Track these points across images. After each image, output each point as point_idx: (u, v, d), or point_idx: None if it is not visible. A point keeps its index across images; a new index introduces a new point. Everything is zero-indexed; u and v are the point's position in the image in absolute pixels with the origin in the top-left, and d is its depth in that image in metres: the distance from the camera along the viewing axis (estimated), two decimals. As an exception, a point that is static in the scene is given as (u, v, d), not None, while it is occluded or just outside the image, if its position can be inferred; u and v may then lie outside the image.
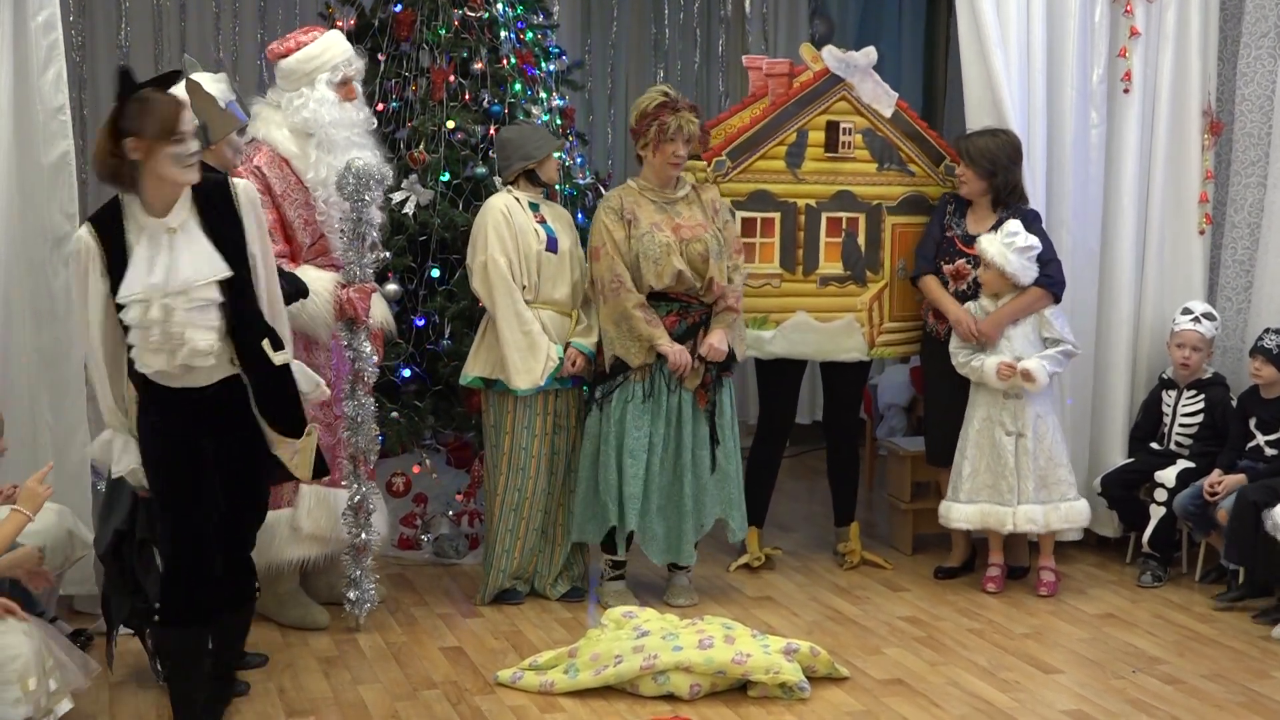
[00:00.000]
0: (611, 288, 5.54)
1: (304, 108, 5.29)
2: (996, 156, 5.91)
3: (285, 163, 5.26)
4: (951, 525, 6.04)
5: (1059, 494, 5.91)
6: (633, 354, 5.54)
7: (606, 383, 5.61)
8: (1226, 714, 4.74)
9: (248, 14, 7.89)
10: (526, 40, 6.58)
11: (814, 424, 8.16)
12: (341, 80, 5.36)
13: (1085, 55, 6.33)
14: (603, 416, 5.62)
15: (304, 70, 5.33)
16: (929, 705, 4.77)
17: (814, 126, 6.09)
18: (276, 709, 4.66)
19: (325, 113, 5.29)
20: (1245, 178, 6.49)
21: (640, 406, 5.58)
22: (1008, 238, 5.81)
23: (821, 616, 5.70)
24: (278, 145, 5.27)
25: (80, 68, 7.49)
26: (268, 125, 5.33)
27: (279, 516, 5.25)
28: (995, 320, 5.89)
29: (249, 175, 5.10)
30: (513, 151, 5.64)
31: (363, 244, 5.21)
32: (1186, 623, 5.67)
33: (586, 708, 4.71)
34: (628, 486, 5.56)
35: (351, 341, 5.25)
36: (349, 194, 5.14)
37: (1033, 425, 5.86)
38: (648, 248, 5.54)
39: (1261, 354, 5.93)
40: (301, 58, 5.34)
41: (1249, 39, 6.45)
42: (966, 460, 5.97)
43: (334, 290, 5.19)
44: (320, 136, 5.27)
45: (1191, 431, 6.21)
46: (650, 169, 5.66)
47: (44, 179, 5.22)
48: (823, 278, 6.16)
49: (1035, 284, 5.87)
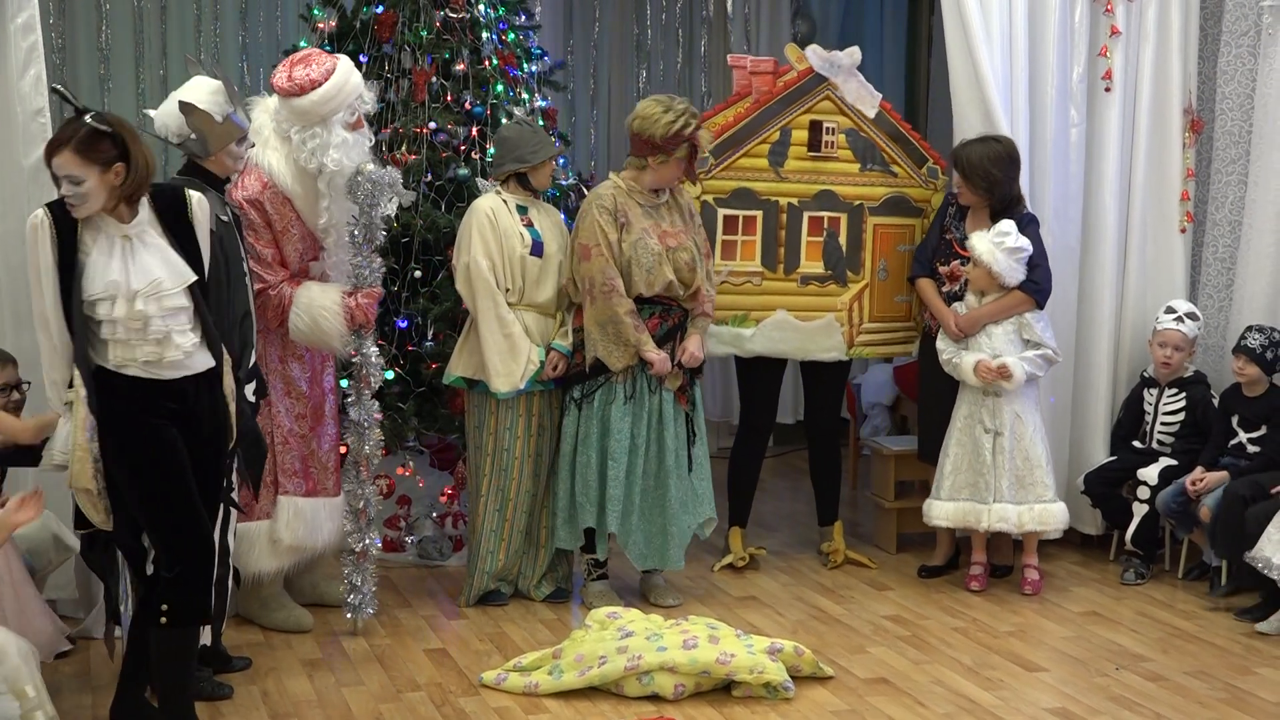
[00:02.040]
0: (603, 290, 5.50)
1: (319, 151, 5.10)
2: (991, 172, 5.84)
3: (289, 201, 5.16)
4: (933, 522, 6.05)
5: (1035, 495, 5.91)
6: (615, 358, 5.52)
7: (586, 383, 5.60)
8: (1209, 711, 4.75)
9: (229, 16, 7.85)
10: (508, 41, 6.57)
11: (797, 423, 8.16)
12: (355, 121, 5.22)
13: (1066, 54, 6.34)
14: (581, 417, 5.60)
15: (319, 113, 5.12)
16: (913, 704, 4.78)
17: (797, 125, 6.10)
18: (260, 712, 4.64)
19: (343, 159, 5.12)
20: (1226, 176, 6.51)
21: (622, 408, 5.57)
22: (998, 237, 5.82)
23: (806, 616, 5.70)
24: (277, 179, 5.13)
25: (60, 70, 7.45)
26: (267, 152, 5.16)
27: (258, 528, 5.27)
28: (973, 317, 5.90)
29: (248, 206, 5.06)
30: (507, 152, 5.62)
31: (371, 249, 5.20)
32: (1170, 620, 5.69)
33: (571, 709, 4.71)
34: (610, 488, 5.55)
35: (358, 346, 5.24)
36: (362, 199, 5.11)
37: (1010, 425, 5.86)
38: (641, 255, 5.52)
39: (1245, 353, 5.95)
40: (317, 100, 5.09)
41: (1229, 37, 6.48)
42: (949, 458, 5.98)
43: (342, 302, 5.18)
44: (332, 179, 5.14)
45: (1173, 430, 6.23)
46: (652, 176, 5.59)
47: (23, 181, 5.19)
48: (803, 276, 6.16)
49: (1020, 287, 5.87)
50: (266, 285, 5.12)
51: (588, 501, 5.59)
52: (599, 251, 5.49)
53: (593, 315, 5.53)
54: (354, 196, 5.14)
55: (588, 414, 5.59)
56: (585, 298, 5.56)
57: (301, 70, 5.15)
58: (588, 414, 5.59)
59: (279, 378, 5.29)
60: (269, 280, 5.13)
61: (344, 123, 5.17)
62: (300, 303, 5.18)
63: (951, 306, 5.99)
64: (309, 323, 5.17)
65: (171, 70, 7.64)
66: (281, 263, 5.22)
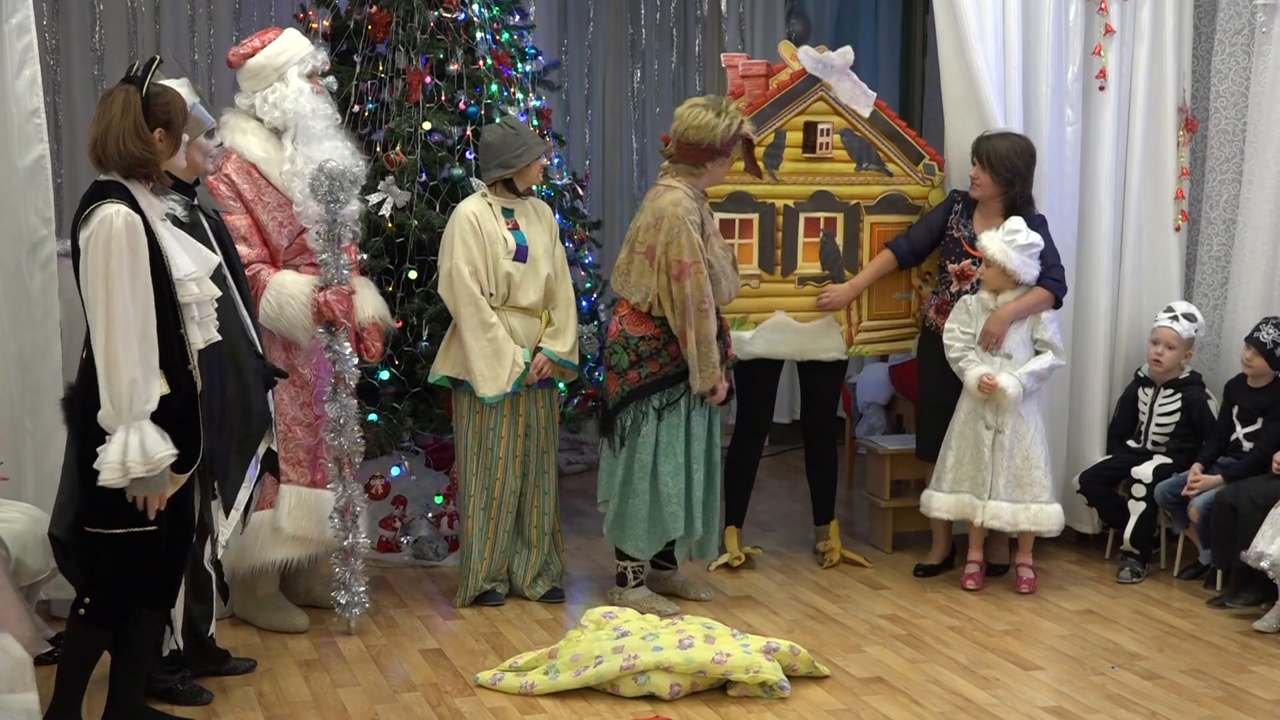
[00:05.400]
0: (704, 309, 5.39)
1: (282, 100, 5.28)
2: (1016, 165, 5.91)
3: (253, 168, 5.24)
4: (932, 514, 6.05)
5: (1031, 495, 5.91)
6: (703, 378, 5.44)
7: (667, 391, 5.54)
8: (1205, 709, 4.76)
9: (222, 16, 7.85)
10: (502, 41, 6.57)
11: (793, 423, 8.16)
12: (310, 72, 5.38)
13: (1060, 53, 6.34)
14: (664, 426, 5.54)
15: (274, 65, 5.32)
16: (909, 703, 4.78)
17: (792, 127, 6.10)
18: (256, 713, 4.64)
19: (305, 103, 5.30)
20: (1220, 174, 6.52)
21: (701, 411, 5.58)
22: (1009, 235, 5.83)
23: (801, 615, 5.70)
24: (244, 151, 5.25)
25: (55, 71, 7.46)
26: (233, 133, 5.31)
27: (260, 518, 5.23)
28: (1000, 317, 5.89)
29: (218, 182, 5.14)
30: (491, 157, 5.59)
31: (338, 245, 5.19)
32: (1166, 618, 5.69)
33: (567, 709, 4.71)
34: (695, 492, 5.58)
35: (331, 344, 5.23)
36: (322, 195, 5.12)
37: (1012, 424, 5.87)
38: (724, 266, 5.52)
39: (1254, 345, 5.95)
40: (270, 54, 5.32)
41: (1223, 36, 6.48)
42: (951, 451, 5.99)
43: (311, 294, 5.17)
44: (299, 128, 5.27)
45: (1168, 430, 6.23)
46: (708, 178, 5.57)
47: (19, 182, 5.19)
48: (801, 277, 6.17)
49: (1043, 285, 5.90)
50: (248, 262, 5.11)
51: (680, 509, 5.55)
52: (699, 269, 5.38)
53: (692, 334, 5.41)
54: (315, 195, 5.15)
55: (672, 422, 5.54)
56: (683, 316, 5.40)
57: (248, 42, 5.45)
58: (672, 422, 5.54)
59: (281, 366, 5.29)
60: (248, 255, 5.13)
61: (300, 74, 5.35)
62: (272, 288, 5.18)
63: (962, 300, 6.00)
64: (275, 309, 5.16)
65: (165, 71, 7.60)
66: (261, 235, 5.24)
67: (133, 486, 4.01)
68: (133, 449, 3.97)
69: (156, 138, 4.11)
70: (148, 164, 4.09)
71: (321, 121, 5.34)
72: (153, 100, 4.12)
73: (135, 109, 4.06)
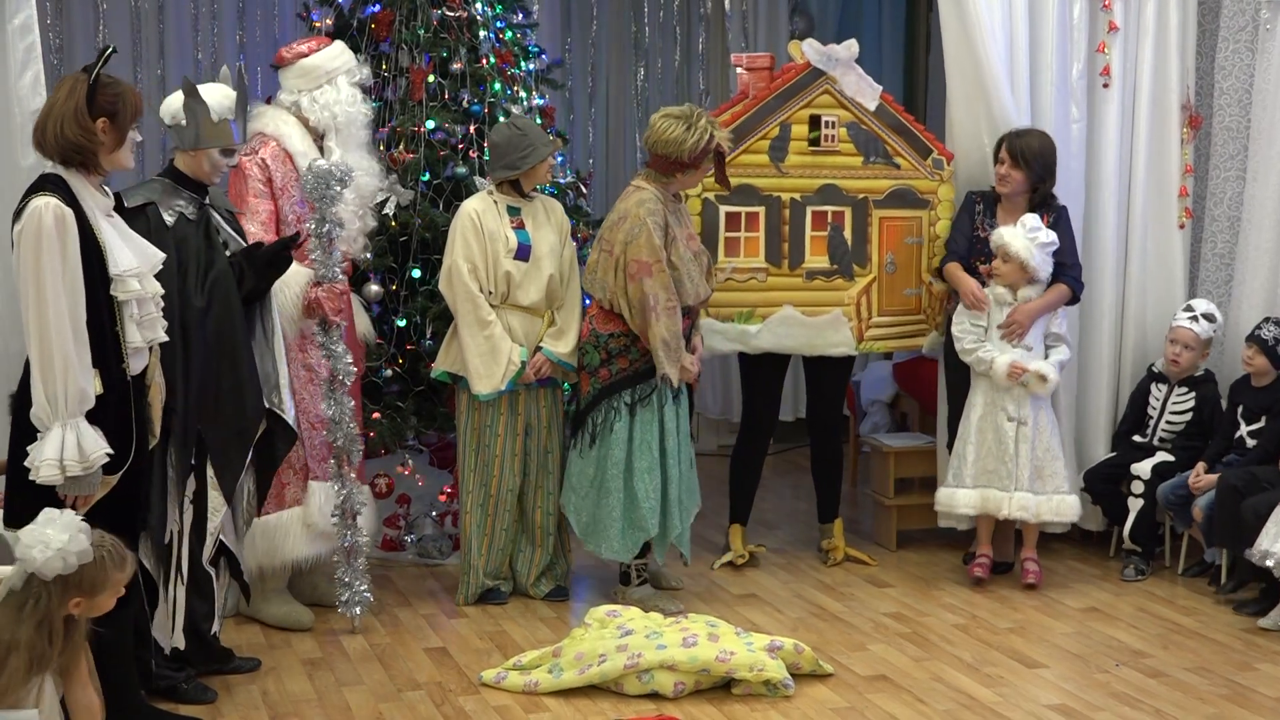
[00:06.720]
0: (668, 307, 5.42)
1: (332, 104, 5.45)
2: (1049, 161, 5.96)
3: (289, 158, 5.33)
4: (956, 510, 6.04)
5: (1053, 486, 5.93)
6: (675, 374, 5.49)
7: (638, 387, 5.55)
8: (1210, 706, 4.75)
9: (226, 16, 7.85)
10: (506, 39, 6.56)
11: (798, 421, 8.16)
12: (358, 81, 5.58)
13: (1065, 50, 6.34)
14: (636, 421, 5.54)
15: (326, 69, 5.50)
16: (914, 701, 4.78)
17: (797, 120, 6.09)
18: (260, 711, 4.64)
19: (356, 110, 5.50)
20: (1225, 171, 6.51)
21: (672, 406, 5.58)
22: (1031, 232, 5.85)
23: (806, 613, 5.70)
24: (284, 140, 5.37)
25: (58, 70, 7.43)
26: (276, 122, 5.42)
27: (290, 516, 5.32)
28: (1029, 311, 5.91)
29: (252, 165, 5.24)
30: (496, 159, 5.60)
31: (329, 244, 5.20)
32: (1170, 616, 5.69)
33: (571, 707, 4.71)
34: (670, 489, 5.58)
35: (325, 342, 5.24)
36: (309, 193, 5.14)
37: (1034, 415, 5.89)
38: (689, 268, 5.52)
39: (1256, 343, 5.95)
40: (324, 57, 5.51)
41: (1227, 33, 6.47)
42: (970, 445, 5.98)
43: (305, 287, 5.18)
44: (344, 133, 5.45)
45: (1178, 428, 6.22)
46: (679, 185, 5.61)
47: (22, 182, 5.13)
48: (809, 271, 6.16)
49: (1065, 282, 5.95)
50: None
51: (656, 506, 5.54)
52: (659, 268, 5.41)
53: (658, 332, 5.41)
54: (304, 193, 5.18)
55: (645, 417, 5.54)
56: (646, 315, 5.42)
57: (299, 45, 5.61)
58: (645, 417, 5.54)
59: (300, 365, 5.32)
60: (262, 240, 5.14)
61: (350, 82, 5.53)
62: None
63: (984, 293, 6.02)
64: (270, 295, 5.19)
65: (169, 70, 7.64)
66: (277, 224, 5.28)
67: (66, 485, 3.95)
68: (69, 447, 3.91)
69: (100, 128, 4.03)
70: (83, 151, 4.02)
71: (364, 132, 5.55)
72: (100, 89, 4.04)
73: (79, 95, 4.00)
